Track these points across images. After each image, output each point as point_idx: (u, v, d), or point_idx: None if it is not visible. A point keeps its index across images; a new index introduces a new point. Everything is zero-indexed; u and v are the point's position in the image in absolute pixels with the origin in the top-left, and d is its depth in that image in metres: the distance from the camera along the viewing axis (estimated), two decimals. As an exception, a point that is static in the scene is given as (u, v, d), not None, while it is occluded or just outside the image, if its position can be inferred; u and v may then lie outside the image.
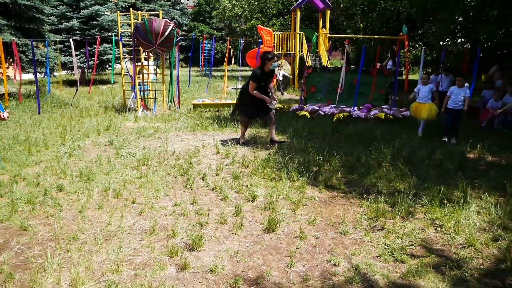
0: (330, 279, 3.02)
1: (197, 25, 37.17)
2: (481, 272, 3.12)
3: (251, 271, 3.12)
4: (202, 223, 3.88)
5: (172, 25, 9.61)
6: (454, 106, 7.20)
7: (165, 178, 5.21)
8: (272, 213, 4.05)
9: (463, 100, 7.10)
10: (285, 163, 5.67)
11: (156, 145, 6.87)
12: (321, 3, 16.58)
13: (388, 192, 4.71)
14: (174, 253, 3.30)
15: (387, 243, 3.55)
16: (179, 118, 9.52)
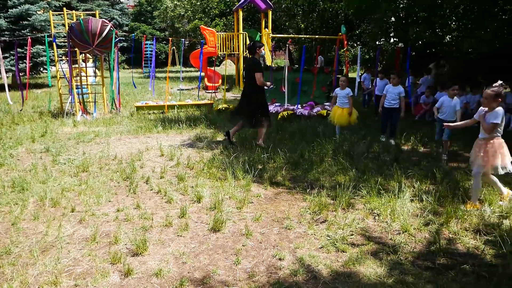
0: (276, 273, 3.09)
1: (139, 25, 36.21)
2: (414, 255, 3.35)
3: (197, 271, 3.11)
4: (146, 227, 3.80)
5: (110, 25, 9.28)
6: (389, 105, 7.04)
7: (106, 183, 5.03)
8: (218, 212, 4.06)
9: (399, 98, 6.97)
10: (230, 162, 5.70)
11: (97, 150, 6.60)
12: (262, 3, 16.79)
13: (330, 186, 4.89)
14: (117, 260, 3.20)
15: (330, 234, 3.69)
16: (121, 121, 9.22)
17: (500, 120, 4.06)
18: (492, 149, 4.09)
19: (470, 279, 2.96)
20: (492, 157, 4.08)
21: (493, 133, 4.12)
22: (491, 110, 4.11)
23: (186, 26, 27.01)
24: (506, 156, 4.11)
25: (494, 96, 4.05)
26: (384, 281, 2.95)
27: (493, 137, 4.14)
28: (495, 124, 4.05)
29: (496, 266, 3.13)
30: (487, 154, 4.11)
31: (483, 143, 4.19)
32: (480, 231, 3.71)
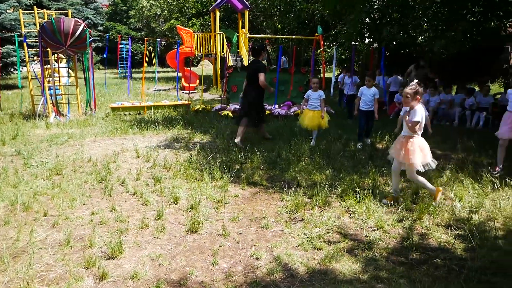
0: (253, 272, 3.10)
1: (114, 25, 35.53)
2: (389, 250, 3.42)
3: (174, 273, 3.09)
4: (121, 230, 3.75)
5: (83, 25, 9.09)
6: (365, 107, 6.77)
7: (81, 186, 4.93)
8: (195, 213, 4.04)
9: (373, 100, 6.73)
10: (207, 163, 5.68)
11: (71, 153, 6.45)
12: (239, 3, 16.81)
13: (307, 185, 4.94)
14: (92, 264, 3.15)
15: (306, 232, 3.73)
16: (96, 123, 9.04)
17: (420, 118, 4.14)
18: (411, 147, 4.16)
19: (441, 273, 3.05)
20: (412, 154, 4.14)
21: (415, 131, 4.18)
22: (412, 108, 4.19)
23: (163, 26, 26.71)
24: (427, 154, 4.20)
25: (413, 94, 4.13)
26: (359, 277, 3.01)
27: (413, 136, 4.20)
28: (416, 122, 4.13)
29: (466, 259, 3.24)
30: (408, 151, 4.17)
31: (404, 140, 4.26)
32: (451, 226, 3.83)
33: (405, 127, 4.27)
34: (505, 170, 5.45)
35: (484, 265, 3.11)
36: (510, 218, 3.95)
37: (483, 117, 8.90)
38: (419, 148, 4.17)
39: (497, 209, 4.15)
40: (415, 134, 4.19)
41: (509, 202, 4.35)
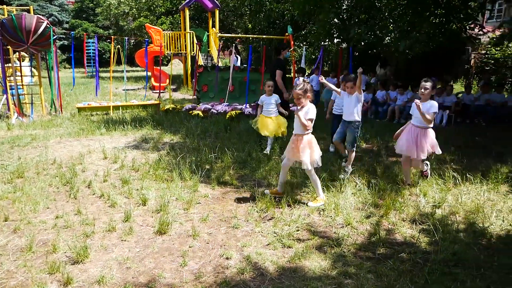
0: (223, 272, 3.08)
1: (80, 22, 34.53)
2: (357, 246, 3.49)
3: (142, 276, 3.03)
4: (87, 233, 3.64)
5: (46, 22, 8.78)
6: (339, 111, 6.27)
7: (44, 189, 4.75)
8: (164, 214, 3.98)
9: None
10: (177, 163, 5.61)
11: (34, 155, 6.22)
12: (209, 2, 16.70)
13: (277, 184, 4.95)
14: (55, 269, 3.04)
15: (276, 231, 3.75)
16: (62, 123, 8.75)
17: (314, 115, 4.25)
18: (302, 145, 4.26)
19: (406, 266, 3.13)
20: (302, 152, 4.24)
21: (306, 129, 4.25)
22: (303, 107, 4.28)
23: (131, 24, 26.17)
24: (315, 151, 4.31)
25: (304, 93, 4.23)
26: (328, 274, 3.05)
27: (304, 134, 4.28)
28: (310, 120, 4.23)
29: (430, 252, 3.35)
30: (298, 149, 4.27)
31: (295, 138, 4.35)
32: (416, 221, 3.95)
33: (297, 125, 4.33)
34: (465, 164, 5.67)
35: (447, 258, 3.22)
36: (470, 212, 4.11)
37: (446, 115, 9.23)
38: (308, 146, 4.27)
39: (459, 203, 4.31)
40: (306, 131, 4.27)
41: (470, 196, 4.53)
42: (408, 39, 8.60)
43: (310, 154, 4.26)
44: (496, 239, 3.59)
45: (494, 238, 3.61)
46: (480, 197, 4.52)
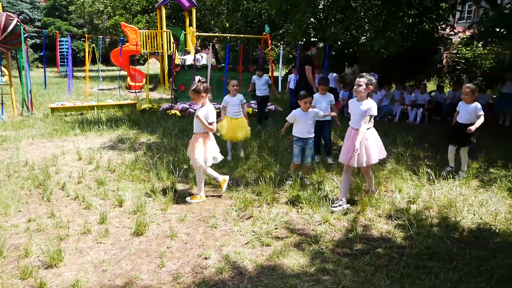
0: (201, 272, 3.06)
1: (53, 20, 33.61)
2: (334, 243, 3.53)
3: (118, 278, 2.98)
4: (61, 236, 3.55)
5: (16, 20, 8.51)
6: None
7: (16, 192, 4.61)
8: (141, 215, 3.92)
9: (330, 108, 5.60)
10: (154, 163, 5.54)
11: (5, 157, 6.01)
12: (186, 1, 16.55)
13: (255, 182, 4.97)
14: (28, 274, 2.95)
15: (255, 229, 3.75)
16: (34, 124, 8.50)
17: (214, 118, 4.35)
18: (196, 143, 4.37)
19: (383, 261, 3.19)
20: (196, 150, 4.33)
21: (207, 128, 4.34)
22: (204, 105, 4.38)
23: (106, 23, 25.67)
24: (208, 150, 4.39)
25: (195, 93, 4.29)
26: (306, 271, 3.07)
27: (201, 132, 4.39)
28: (210, 123, 4.32)
29: (405, 247, 3.42)
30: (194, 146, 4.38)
31: (193, 137, 4.48)
32: (392, 216, 4.03)
33: (196, 124, 4.40)
34: (438, 160, 5.83)
35: (421, 252, 3.30)
36: (443, 207, 4.23)
37: (420, 113, 9.45)
38: (204, 144, 4.35)
39: (432, 198, 4.43)
40: (203, 130, 4.37)
41: (443, 191, 4.65)
42: (382, 39, 8.76)
43: (204, 151, 4.34)
44: (467, 233, 3.70)
45: (465, 231, 3.73)
46: (453, 192, 4.65)
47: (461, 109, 5.27)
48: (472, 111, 5.10)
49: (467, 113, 5.14)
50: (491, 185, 4.87)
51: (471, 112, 5.11)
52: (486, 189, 4.78)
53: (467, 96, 5.16)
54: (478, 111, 5.08)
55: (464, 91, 5.21)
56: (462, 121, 5.20)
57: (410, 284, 2.88)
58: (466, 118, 5.16)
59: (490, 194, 4.57)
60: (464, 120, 5.18)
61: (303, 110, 4.83)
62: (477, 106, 5.09)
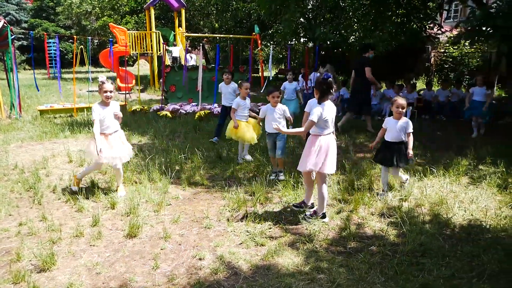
0: (196, 273, 3.06)
1: (40, 22, 33.17)
2: (328, 242, 3.55)
3: (113, 281, 2.95)
4: (53, 240, 3.51)
5: (3, 21, 8.39)
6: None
7: (6, 195, 4.54)
8: (134, 217, 3.90)
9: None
10: (146, 165, 5.51)
11: (-7, 160, 5.93)
12: (175, 2, 16.47)
13: (248, 182, 4.97)
14: (20, 278, 2.92)
15: (249, 230, 3.75)
16: (23, 127, 8.38)
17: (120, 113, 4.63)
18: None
19: (376, 259, 3.22)
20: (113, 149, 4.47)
21: None
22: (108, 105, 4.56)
23: (94, 24, 25.43)
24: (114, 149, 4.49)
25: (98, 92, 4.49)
26: (301, 270, 3.09)
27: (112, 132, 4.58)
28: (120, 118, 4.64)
29: (398, 244, 3.45)
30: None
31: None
32: (384, 214, 4.07)
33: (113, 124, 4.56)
34: (429, 158, 5.90)
35: (414, 248, 3.34)
36: (435, 204, 4.28)
37: (409, 111, 9.54)
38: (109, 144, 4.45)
39: (424, 196, 4.48)
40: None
41: (434, 189, 4.71)
42: (371, 38, 8.84)
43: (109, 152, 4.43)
44: (459, 229, 3.75)
45: (457, 228, 3.78)
46: (443, 189, 4.71)
47: (390, 125, 4.55)
48: (402, 128, 4.46)
49: (396, 130, 4.46)
50: (480, 182, 4.94)
51: (401, 129, 4.46)
52: (476, 186, 4.85)
53: (398, 110, 4.45)
54: (408, 127, 4.47)
55: (397, 105, 4.45)
56: (390, 139, 4.53)
57: (404, 281, 2.91)
58: (394, 136, 4.48)
59: (480, 191, 4.63)
60: (392, 138, 4.50)
61: (272, 106, 4.99)
62: (408, 123, 4.49)
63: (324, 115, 3.74)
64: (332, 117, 3.86)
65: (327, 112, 3.77)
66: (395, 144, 4.49)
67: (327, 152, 3.82)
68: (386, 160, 4.54)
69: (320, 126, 3.80)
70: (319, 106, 3.77)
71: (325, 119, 3.76)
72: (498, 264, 3.10)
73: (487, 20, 6.92)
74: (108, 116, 4.47)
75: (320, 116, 3.72)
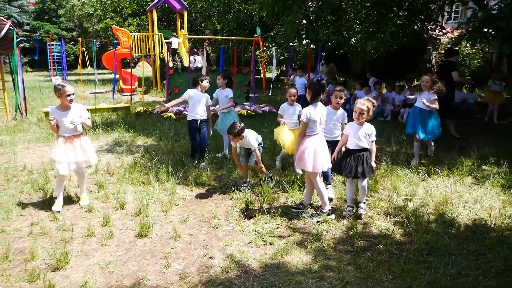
0: (207, 272, 3.12)
1: (42, 24, 33.28)
2: (336, 241, 3.61)
3: (126, 279, 3.02)
4: (66, 239, 3.57)
5: (8, 24, 8.47)
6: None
7: (16, 196, 4.61)
8: (144, 217, 3.96)
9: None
10: (153, 166, 5.57)
11: (2, 161, 5.99)
12: (177, 4, 16.56)
13: (254, 183, 5.03)
14: (36, 277, 2.98)
15: (257, 229, 3.81)
16: (28, 128, 8.45)
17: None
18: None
19: (383, 257, 3.28)
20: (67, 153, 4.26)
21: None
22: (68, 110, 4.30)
23: (96, 26, 25.52)
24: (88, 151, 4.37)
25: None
26: (310, 268, 3.15)
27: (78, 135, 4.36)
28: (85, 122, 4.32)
29: (404, 243, 3.51)
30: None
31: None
32: (390, 214, 4.12)
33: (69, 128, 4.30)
34: (432, 159, 5.95)
35: (420, 247, 3.40)
36: (439, 204, 4.34)
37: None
38: (66, 148, 4.26)
39: (429, 196, 4.53)
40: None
41: (438, 189, 4.77)
42: (374, 40, 8.89)
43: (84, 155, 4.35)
44: (464, 228, 3.81)
45: (462, 227, 3.83)
46: (448, 189, 4.77)
47: (351, 131, 4.10)
48: (365, 134, 4.05)
49: (359, 137, 4.04)
50: (484, 182, 5.00)
51: (363, 135, 4.04)
52: (480, 186, 4.91)
53: (362, 115, 3.98)
54: (372, 135, 4.07)
55: (359, 108, 3.99)
56: (352, 147, 4.08)
57: (412, 278, 2.97)
58: (356, 143, 4.05)
59: (484, 191, 4.69)
60: (355, 145, 4.06)
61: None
62: (373, 129, 4.08)
63: (313, 116, 3.88)
64: (321, 118, 3.99)
65: (317, 113, 3.92)
66: (357, 152, 4.08)
67: (315, 152, 3.94)
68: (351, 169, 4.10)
69: (308, 127, 3.95)
70: (310, 106, 3.94)
71: (313, 120, 3.90)
72: (504, 262, 3.16)
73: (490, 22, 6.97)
74: (68, 119, 4.22)
75: (308, 117, 3.87)
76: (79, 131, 4.35)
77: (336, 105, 4.65)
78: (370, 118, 4.06)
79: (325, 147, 4.07)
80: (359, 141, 4.03)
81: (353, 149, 4.06)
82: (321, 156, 3.99)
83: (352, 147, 4.07)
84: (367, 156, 4.05)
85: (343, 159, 4.12)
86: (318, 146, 3.98)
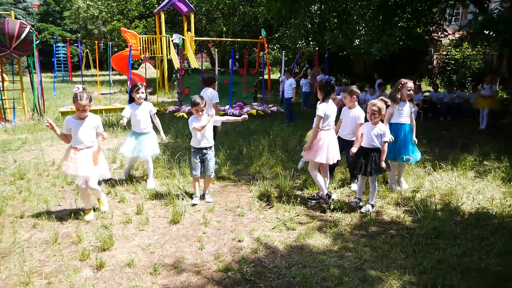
0: (238, 252, 3.47)
1: (47, 26, 33.65)
2: (352, 226, 3.97)
3: (166, 258, 3.37)
4: (106, 225, 3.93)
5: (28, 27, 8.83)
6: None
7: (50, 189, 4.96)
8: (174, 206, 4.31)
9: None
10: (175, 161, 5.92)
11: (30, 157, 6.35)
12: (184, 6, 16.92)
13: (271, 177, 5.38)
14: (86, 256, 3.33)
15: (278, 217, 4.17)
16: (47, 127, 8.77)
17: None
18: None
19: (396, 240, 3.63)
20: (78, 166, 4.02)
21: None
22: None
23: (102, 28, 25.87)
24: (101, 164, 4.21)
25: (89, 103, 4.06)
26: (330, 249, 3.50)
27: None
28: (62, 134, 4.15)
29: (414, 228, 3.87)
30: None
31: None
32: (399, 204, 4.48)
33: (87, 139, 4.09)
34: (437, 154, 6.30)
35: (429, 232, 3.75)
36: (445, 195, 4.69)
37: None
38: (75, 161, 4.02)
39: (434, 187, 4.89)
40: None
41: (443, 182, 5.13)
42: (379, 42, 9.25)
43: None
44: (468, 216, 4.16)
45: (466, 214, 4.19)
46: (452, 182, 5.12)
47: (366, 131, 4.31)
48: (377, 134, 4.21)
49: (372, 137, 4.22)
50: (486, 176, 5.35)
51: (376, 135, 4.21)
52: (482, 179, 5.27)
53: (375, 115, 4.19)
54: (384, 135, 4.20)
55: (371, 109, 4.20)
56: (365, 145, 4.29)
57: (422, 258, 3.32)
58: (369, 142, 4.25)
59: (486, 183, 5.05)
60: (368, 144, 4.27)
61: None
62: (385, 130, 4.23)
63: (328, 111, 4.33)
64: (333, 115, 4.42)
65: (330, 110, 4.37)
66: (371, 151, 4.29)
67: (328, 145, 4.37)
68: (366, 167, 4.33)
69: (323, 122, 4.36)
70: (324, 102, 4.36)
71: (327, 115, 4.34)
72: (505, 244, 3.51)
73: (490, 25, 7.33)
74: (83, 130, 4.03)
75: (325, 111, 4.31)
76: (92, 144, 4.10)
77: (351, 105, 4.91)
78: (383, 117, 4.43)
79: (336, 142, 4.51)
80: (372, 141, 4.23)
81: (366, 147, 4.29)
82: (333, 150, 4.42)
83: (366, 146, 4.30)
84: (376, 156, 4.22)
85: (357, 157, 4.35)
86: (331, 140, 4.43)
